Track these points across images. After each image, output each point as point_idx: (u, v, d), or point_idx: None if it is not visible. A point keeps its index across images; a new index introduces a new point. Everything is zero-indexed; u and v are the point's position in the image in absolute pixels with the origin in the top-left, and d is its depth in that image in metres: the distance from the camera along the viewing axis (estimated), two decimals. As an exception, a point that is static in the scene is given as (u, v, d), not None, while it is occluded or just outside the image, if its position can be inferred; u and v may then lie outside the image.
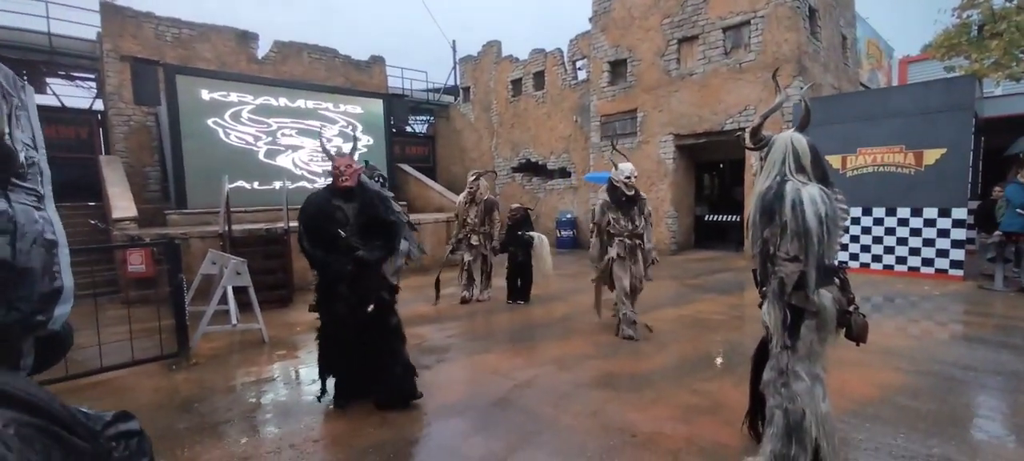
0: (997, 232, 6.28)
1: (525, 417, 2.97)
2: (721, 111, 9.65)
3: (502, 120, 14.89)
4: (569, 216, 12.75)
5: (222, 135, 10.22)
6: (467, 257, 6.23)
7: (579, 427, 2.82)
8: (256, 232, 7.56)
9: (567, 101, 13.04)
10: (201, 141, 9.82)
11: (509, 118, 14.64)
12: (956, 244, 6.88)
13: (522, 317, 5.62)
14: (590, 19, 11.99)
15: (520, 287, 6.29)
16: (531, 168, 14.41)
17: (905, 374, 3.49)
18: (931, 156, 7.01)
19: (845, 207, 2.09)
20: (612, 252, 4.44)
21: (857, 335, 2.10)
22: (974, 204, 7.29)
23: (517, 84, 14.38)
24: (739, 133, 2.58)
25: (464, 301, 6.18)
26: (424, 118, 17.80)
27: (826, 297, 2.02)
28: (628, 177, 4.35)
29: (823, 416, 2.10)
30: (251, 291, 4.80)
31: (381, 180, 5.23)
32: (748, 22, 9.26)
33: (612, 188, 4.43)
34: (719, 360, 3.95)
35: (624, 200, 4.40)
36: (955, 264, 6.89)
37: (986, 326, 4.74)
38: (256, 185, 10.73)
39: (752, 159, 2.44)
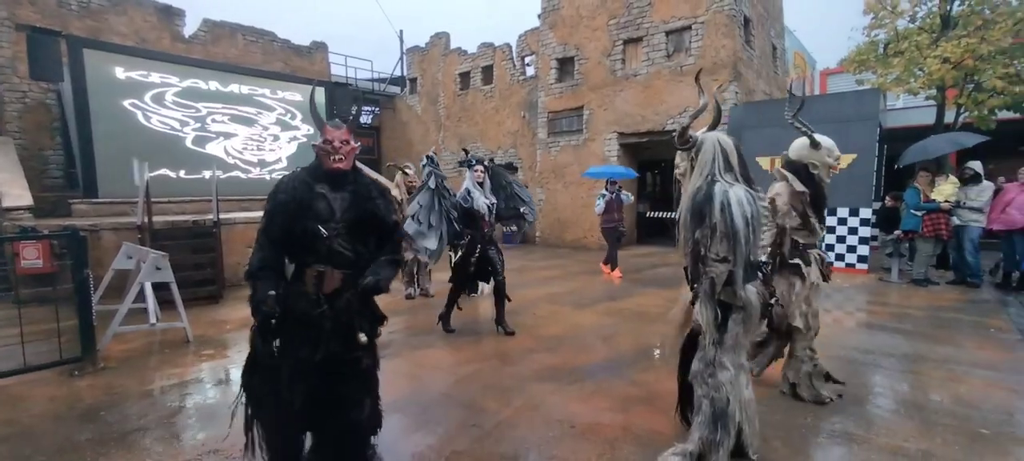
0: (897, 230, 7.02)
1: (466, 411, 2.96)
2: (663, 112, 10.06)
3: (449, 113, 14.72)
4: (517, 211, 12.82)
5: (141, 118, 9.38)
6: (409, 254, 6.11)
7: (520, 420, 2.84)
8: (181, 224, 7.01)
9: (515, 96, 13.09)
10: (115, 124, 8.94)
11: (457, 111, 14.50)
12: (863, 241, 7.60)
13: (466, 312, 5.58)
14: (539, 16, 12.09)
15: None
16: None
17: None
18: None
19: (766, 205, 2.23)
20: (812, 275, 2.97)
21: (777, 325, 2.26)
22: (878, 205, 8.08)
23: (465, 77, 14.26)
24: (673, 134, 2.55)
25: (409, 297, 6.07)
26: (369, 109, 17.25)
27: (751, 292, 2.15)
28: (838, 158, 3.01)
29: (746, 402, 2.25)
30: (173, 287, 4.44)
31: (474, 162, 4.81)
32: (689, 27, 9.71)
33: (808, 176, 2.93)
34: (657, 352, 4.12)
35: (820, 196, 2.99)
36: (862, 259, 7.61)
37: (883, 314, 5.28)
38: (182, 174, 9.95)
39: (678, 159, 2.45)
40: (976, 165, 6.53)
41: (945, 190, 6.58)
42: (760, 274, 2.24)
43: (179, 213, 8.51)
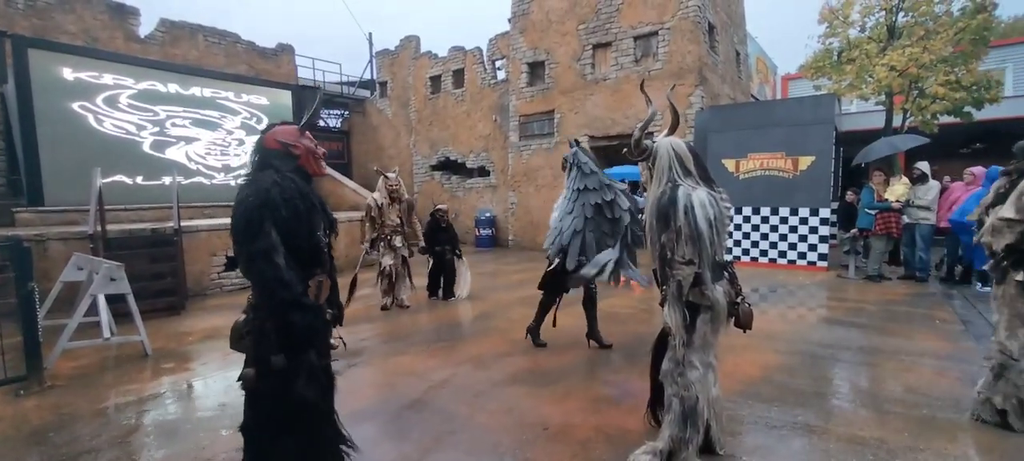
0: (853, 229, 7.37)
1: (439, 418, 2.93)
2: (632, 115, 10.25)
3: (421, 117, 14.60)
4: (488, 215, 12.83)
5: (93, 122, 8.95)
6: (388, 261, 5.69)
7: (494, 424, 2.83)
8: (139, 232, 6.70)
9: (486, 100, 13.10)
10: (63, 128, 8.51)
11: (428, 115, 14.40)
12: (822, 239, 7.94)
13: (439, 317, 5.54)
14: (509, 20, 12.14)
15: (444, 284, 6.32)
16: (450, 166, 14.30)
17: (782, 355, 3.95)
18: (804, 162, 8.01)
19: (728, 205, 2.30)
20: None
21: (744, 323, 2.32)
22: (836, 204, 8.47)
23: (436, 81, 14.18)
24: (624, 150, 2.51)
25: (384, 309, 5.68)
26: (338, 112, 16.93)
27: (718, 292, 2.20)
28: None
29: (713, 399, 2.30)
30: (130, 298, 4.24)
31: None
32: (656, 33, 9.94)
33: None
34: (625, 352, 4.18)
35: None
36: (822, 257, 7.95)
37: (841, 309, 5.52)
38: (140, 180, 9.55)
39: (640, 166, 2.47)
40: (924, 166, 6.92)
41: (897, 190, 6.95)
42: (726, 274, 2.30)
43: (136, 221, 8.14)
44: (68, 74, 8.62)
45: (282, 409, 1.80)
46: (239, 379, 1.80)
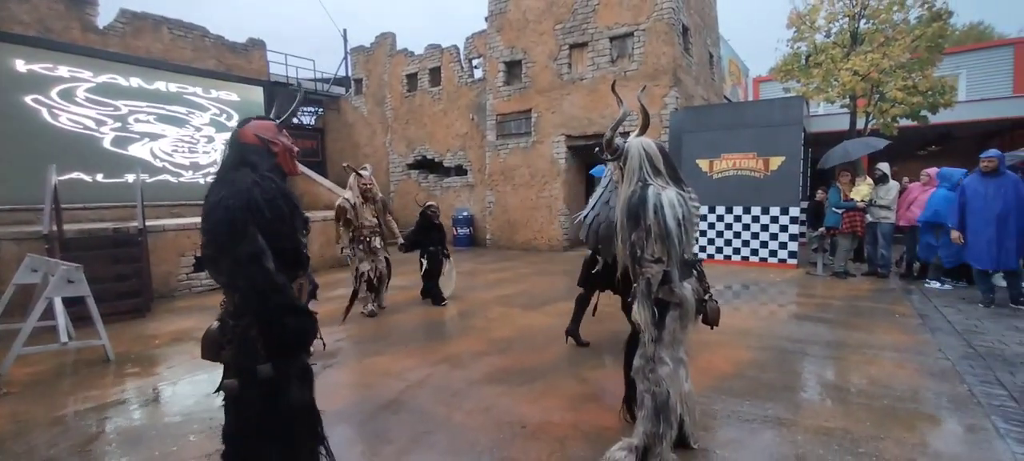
0: (821, 228, 7.64)
1: (416, 418, 2.91)
2: (608, 115, 10.36)
3: (397, 115, 14.43)
4: (465, 214, 12.78)
5: (47, 116, 8.53)
6: (367, 265, 5.38)
7: (471, 424, 2.83)
8: (99, 232, 6.42)
9: (463, 99, 13.03)
10: (14, 123, 8.11)
11: (404, 113, 14.24)
12: (792, 238, 8.20)
13: (416, 317, 5.49)
14: (486, 19, 12.11)
15: (433, 286, 6.04)
16: (427, 165, 14.18)
17: (754, 351, 4.06)
18: (774, 163, 8.25)
19: (697, 204, 2.35)
20: None
21: (711, 320, 2.38)
22: (805, 204, 8.75)
23: (412, 79, 14.04)
24: (597, 149, 2.57)
25: (372, 315, 5.38)
26: (312, 109, 16.57)
27: (687, 289, 2.25)
28: None
29: (686, 394, 2.35)
30: (90, 301, 4.05)
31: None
32: (632, 34, 10.06)
33: None
34: (604, 350, 4.23)
35: None
36: (792, 254, 8.21)
37: (809, 305, 5.71)
38: (100, 178, 9.15)
39: (612, 166, 2.50)
40: (884, 167, 7.21)
41: (862, 190, 7.23)
42: (695, 271, 2.35)
43: (97, 220, 7.80)
44: (20, 66, 8.19)
45: (270, 416, 1.74)
46: (218, 389, 1.74)
